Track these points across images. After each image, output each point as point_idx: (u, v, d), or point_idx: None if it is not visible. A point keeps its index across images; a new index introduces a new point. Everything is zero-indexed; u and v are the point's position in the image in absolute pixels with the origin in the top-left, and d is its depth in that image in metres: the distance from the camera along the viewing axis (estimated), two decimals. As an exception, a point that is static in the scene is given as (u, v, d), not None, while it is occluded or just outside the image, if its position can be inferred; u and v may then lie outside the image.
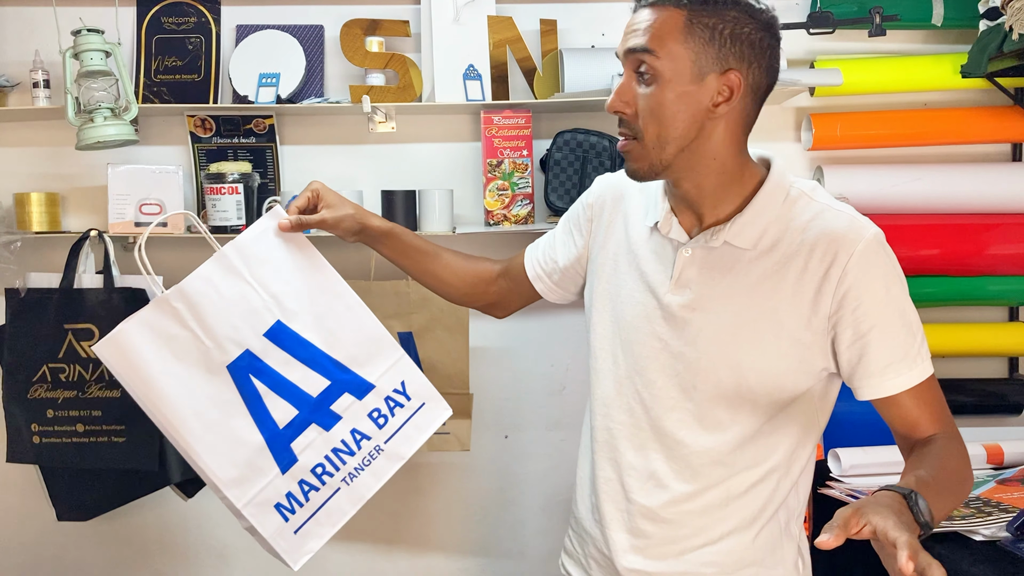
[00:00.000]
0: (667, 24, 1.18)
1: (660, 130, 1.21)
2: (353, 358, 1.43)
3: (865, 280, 1.19)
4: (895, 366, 1.21)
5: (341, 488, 1.43)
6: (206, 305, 1.38)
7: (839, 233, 1.20)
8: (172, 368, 1.35)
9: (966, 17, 2.26)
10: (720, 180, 1.25)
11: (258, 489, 1.38)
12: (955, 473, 1.19)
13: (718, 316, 1.26)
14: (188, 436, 1.35)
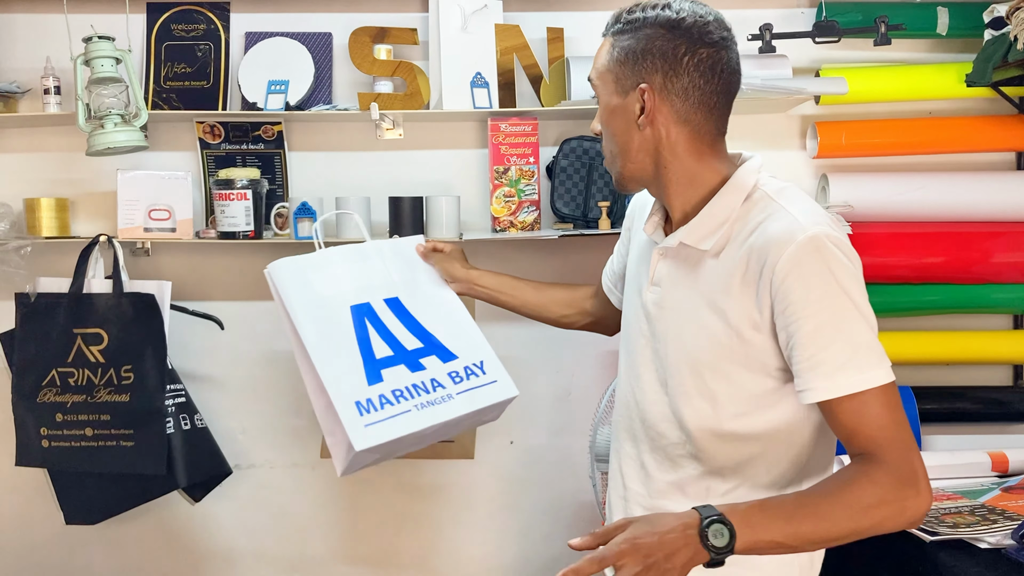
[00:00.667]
0: (601, 53, 1.34)
1: (612, 147, 1.36)
2: (446, 335, 1.81)
3: (790, 283, 1.16)
4: (823, 372, 1.15)
5: (411, 411, 1.73)
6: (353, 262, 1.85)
7: (775, 235, 1.19)
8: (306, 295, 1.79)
9: (971, 27, 2.27)
10: (680, 185, 1.32)
11: (344, 388, 1.71)
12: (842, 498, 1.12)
13: (678, 314, 1.32)
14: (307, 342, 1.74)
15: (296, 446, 2.43)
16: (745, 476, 1.30)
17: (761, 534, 1.09)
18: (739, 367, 1.25)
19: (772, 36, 2.24)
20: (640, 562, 1.05)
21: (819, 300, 1.15)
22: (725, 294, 1.24)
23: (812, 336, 1.15)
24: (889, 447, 1.13)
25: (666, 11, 1.27)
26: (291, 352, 2.31)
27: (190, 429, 2.24)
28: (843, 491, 1.12)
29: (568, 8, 2.36)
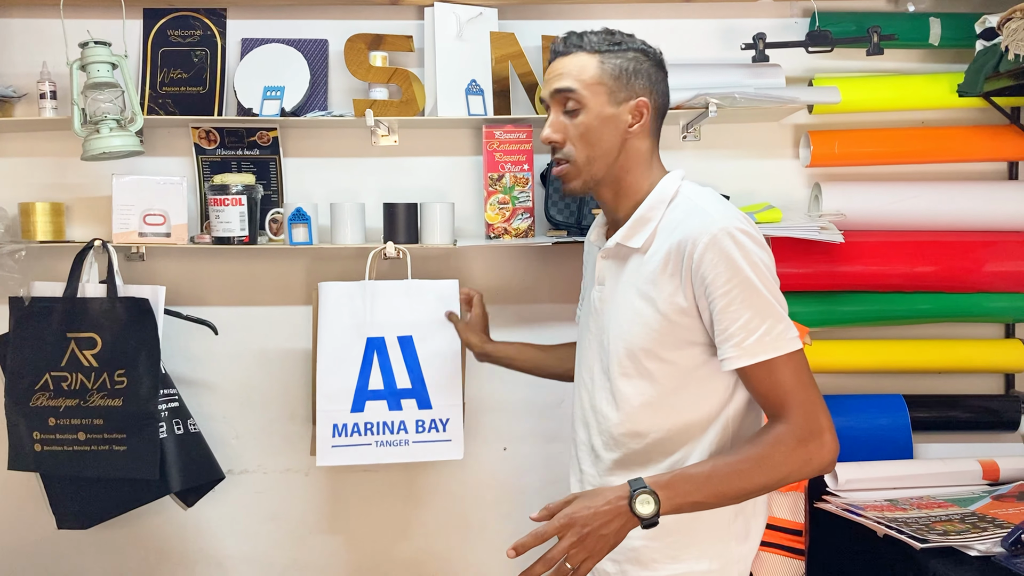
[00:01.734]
0: (586, 67, 1.49)
1: (589, 151, 1.50)
2: (433, 383, 2.15)
3: (705, 268, 1.37)
4: (738, 343, 1.35)
5: (371, 445, 2.14)
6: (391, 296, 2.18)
7: (692, 229, 1.40)
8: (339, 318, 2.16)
9: (963, 37, 2.29)
10: (628, 191, 1.53)
11: (333, 408, 2.13)
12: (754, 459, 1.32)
13: (616, 306, 1.51)
14: (320, 354, 2.13)
15: (289, 451, 2.44)
16: (683, 450, 1.47)
17: (684, 497, 1.31)
18: (670, 347, 1.43)
19: (765, 45, 2.26)
20: (577, 533, 1.27)
21: (728, 281, 1.35)
22: (653, 284, 1.44)
23: (725, 311, 1.36)
24: (795, 407, 1.33)
25: (637, 42, 1.53)
26: (284, 357, 2.36)
27: (183, 434, 2.24)
28: (754, 451, 1.33)
29: (563, 17, 2.37)
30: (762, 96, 2.17)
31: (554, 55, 1.54)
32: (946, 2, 2.36)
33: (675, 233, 1.43)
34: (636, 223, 1.50)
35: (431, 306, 2.18)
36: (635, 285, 1.48)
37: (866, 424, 2.32)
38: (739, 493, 1.33)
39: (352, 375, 2.15)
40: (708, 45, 2.39)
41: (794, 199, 2.41)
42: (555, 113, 1.53)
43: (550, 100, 1.54)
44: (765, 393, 1.37)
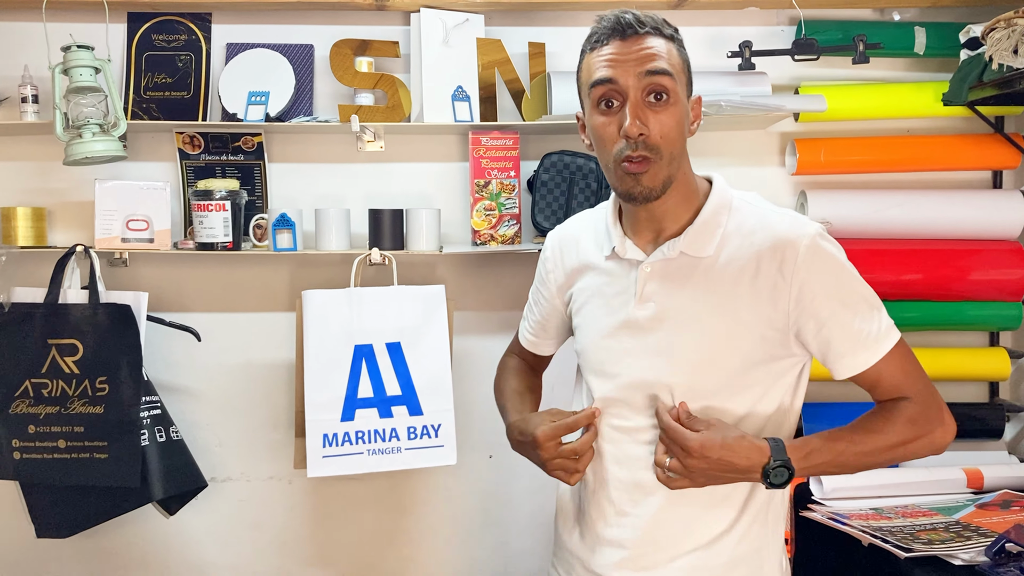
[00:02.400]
0: (671, 51, 1.32)
1: (673, 148, 1.32)
2: (423, 389, 2.14)
3: (815, 274, 1.28)
4: (862, 343, 1.30)
5: (363, 454, 2.12)
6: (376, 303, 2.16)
7: (783, 234, 1.30)
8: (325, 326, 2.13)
9: (948, 46, 2.30)
10: (683, 194, 1.37)
11: (322, 417, 2.11)
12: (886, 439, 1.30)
13: (683, 324, 1.34)
14: (307, 364, 2.11)
15: (272, 459, 2.42)
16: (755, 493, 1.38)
17: (815, 468, 1.29)
18: (750, 364, 1.32)
19: (752, 53, 2.26)
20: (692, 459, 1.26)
21: (840, 285, 1.30)
22: (733, 297, 1.31)
23: (843, 312, 1.29)
24: (918, 390, 1.32)
25: None
26: (268, 364, 2.34)
27: (165, 441, 2.22)
28: (886, 428, 1.30)
29: (550, 24, 2.37)
30: (748, 104, 2.17)
31: (618, 34, 1.31)
32: (931, 12, 2.37)
33: (758, 239, 1.31)
34: (701, 229, 1.34)
35: (418, 312, 2.17)
36: (705, 298, 1.33)
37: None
38: (863, 467, 1.33)
39: (341, 384, 2.13)
40: (695, 53, 2.34)
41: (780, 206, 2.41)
42: (637, 100, 1.29)
43: (631, 86, 1.29)
44: (886, 384, 1.33)
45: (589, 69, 1.34)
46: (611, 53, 1.30)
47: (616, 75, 1.29)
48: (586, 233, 1.51)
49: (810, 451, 1.29)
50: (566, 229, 1.57)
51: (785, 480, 1.27)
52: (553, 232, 1.59)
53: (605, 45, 1.32)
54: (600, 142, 1.34)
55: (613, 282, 1.42)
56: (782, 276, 1.29)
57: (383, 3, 2.25)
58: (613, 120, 1.31)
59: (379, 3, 2.25)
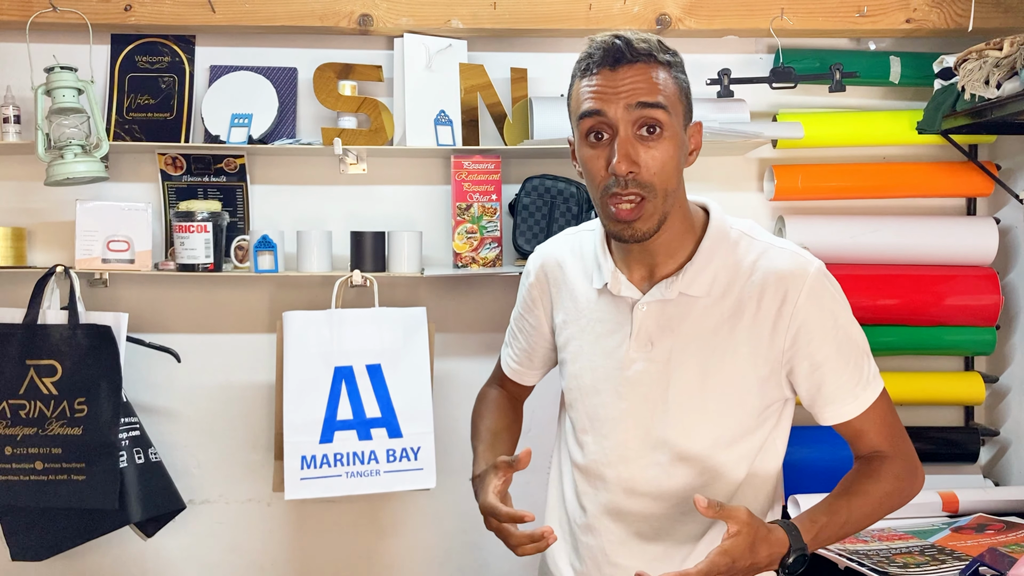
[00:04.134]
0: (666, 80, 1.22)
1: (667, 184, 1.23)
2: (403, 411, 2.13)
3: (815, 314, 1.25)
4: (852, 391, 1.28)
5: (342, 476, 2.10)
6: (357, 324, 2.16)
7: (786, 271, 1.26)
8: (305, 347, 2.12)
9: (922, 76, 2.34)
10: (679, 229, 1.30)
11: (301, 439, 2.10)
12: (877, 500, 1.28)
13: (683, 367, 1.28)
14: (286, 386, 2.11)
15: (251, 481, 2.41)
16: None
17: (820, 544, 1.25)
18: (749, 405, 1.29)
19: (730, 81, 2.29)
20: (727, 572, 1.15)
21: (838, 328, 1.26)
22: (732, 336, 1.27)
23: (843, 360, 1.26)
24: (897, 444, 1.31)
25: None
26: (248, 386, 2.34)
27: (144, 463, 2.21)
28: (876, 489, 1.28)
29: (532, 49, 2.39)
30: (727, 131, 2.20)
31: (608, 62, 1.21)
32: (906, 42, 2.41)
33: (758, 274, 1.26)
34: (700, 268, 1.28)
35: (399, 334, 2.18)
36: (705, 340, 1.27)
37: (829, 455, 2.33)
38: (860, 530, 1.32)
39: (320, 405, 2.12)
40: (674, 79, 2.42)
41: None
42: (626, 134, 1.20)
43: (620, 120, 1.20)
44: (869, 436, 1.31)
45: (577, 99, 1.25)
46: (600, 83, 1.21)
47: (604, 108, 1.21)
48: (571, 258, 1.43)
49: (819, 530, 1.24)
50: (548, 251, 1.48)
51: (802, 567, 1.21)
52: (535, 254, 1.50)
53: (595, 75, 1.22)
54: (589, 175, 1.26)
55: (605, 319, 1.34)
56: (781, 314, 1.25)
57: (367, 28, 2.27)
58: (602, 154, 1.23)
59: (363, 28, 2.27)
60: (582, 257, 1.40)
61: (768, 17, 2.28)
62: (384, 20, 2.27)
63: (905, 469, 1.31)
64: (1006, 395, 2.47)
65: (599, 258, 1.36)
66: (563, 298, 1.42)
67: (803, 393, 1.30)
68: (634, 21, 2.29)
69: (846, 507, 1.27)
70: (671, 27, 2.28)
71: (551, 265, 1.45)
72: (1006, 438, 2.46)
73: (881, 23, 2.31)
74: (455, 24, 2.28)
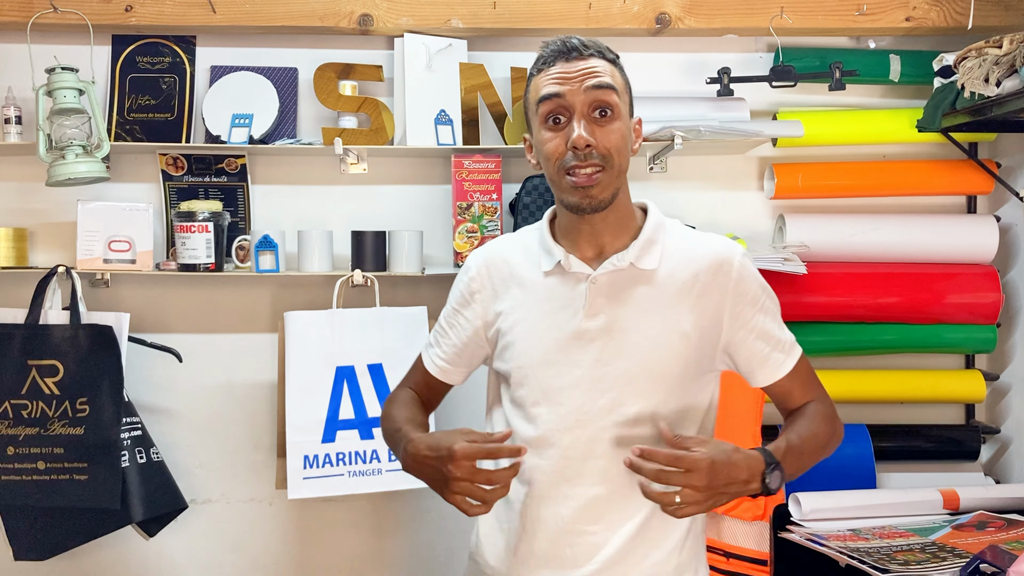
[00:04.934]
0: (614, 72, 1.39)
1: (621, 160, 1.37)
2: None
3: (747, 287, 1.41)
4: (783, 350, 1.43)
5: (344, 476, 2.11)
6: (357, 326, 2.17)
7: (719, 253, 1.42)
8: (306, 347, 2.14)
9: (922, 74, 2.34)
10: (624, 212, 1.43)
11: (303, 439, 2.11)
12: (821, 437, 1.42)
13: (632, 334, 1.39)
14: (288, 386, 2.12)
15: (253, 480, 2.41)
16: None
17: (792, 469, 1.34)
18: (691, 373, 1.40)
19: (730, 80, 2.30)
20: (704, 479, 1.22)
21: (764, 298, 1.43)
22: (678, 309, 1.39)
23: (768, 322, 1.42)
24: (821, 393, 1.48)
25: None
26: (249, 386, 2.34)
27: (146, 463, 2.21)
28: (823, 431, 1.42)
29: (531, 49, 2.38)
30: (727, 129, 2.20)
31: (563, 56, 1.36)
32: (906, 40, 2.42)
33: (696, 255, 1.41)
34: (646, 244, 1.41)
35: (400, 333, 2.18)
36: (651, 314, 1.38)
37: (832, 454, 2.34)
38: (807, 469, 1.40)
39: (322, 405, 2.13)
40: (674, 79, 2.43)
41: (758, 230, 2.44)
42: (584, 114, 1.34)
43: (578, 101, 1.34)
44: (795, 389, 1.45)
45: (536, 88, 1.39)
46: (557, 72, 1.36)
47: (563, 91, 1.35)
48: (514, 253, 1.49)
49: (786, 453, 1.33)
50: (490, 250, 1.54)
51: (780, 483, 1.29)
52: (476, 254, 1.55)
53: (552, 66, 1.37)
54: (547, 157, 1.37)
55: (556, 296, 1.42)
56: (721, 292, 1.40)
57: (367, 28, 2.28)
58: (560, 135, 1.36)
59: (363, 28, 2.28)
60: (526, 251, 1.49)
61: (768, 16, 2.29)
62: (384, 20, 2.28)
63: (832, 413, 1.46)
64: (1007, 393, 2.48)
65: (546, 245, 1.45)
66: (508, 288, 1.48)
67: (742, 360, 1.43)
68: (634, 20, 2.29)
69: (800, 439, 1.38)
70: (671, 26, 2.29)
71: (495, 260, 1.51)
72: (1007, 436, 2.47)
73: (881, 21, 2.31)
74: (455, 24, 2.29)
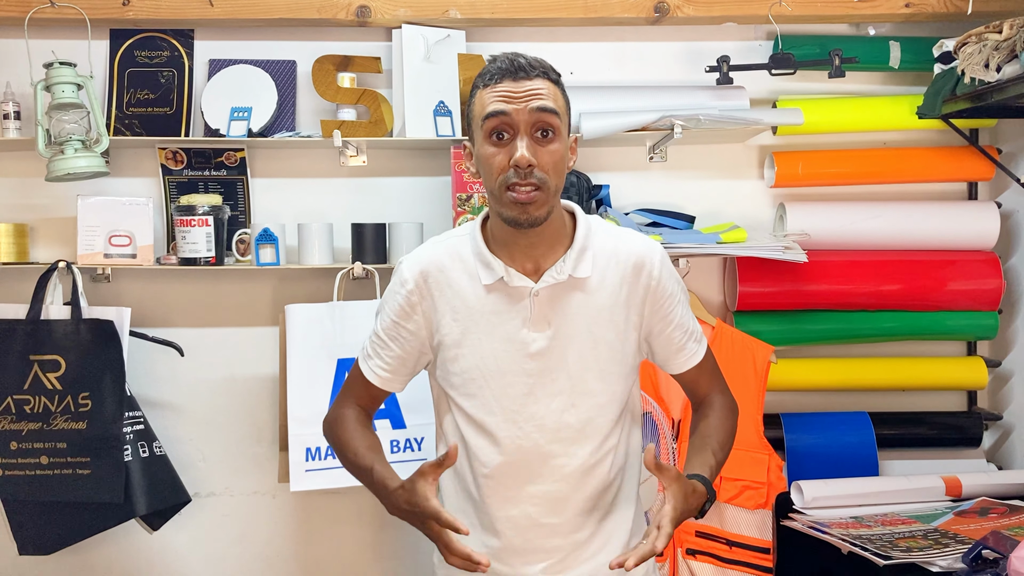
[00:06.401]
0: (556, 93, 1.43)
1: (558, 181, 1.43)
2: (406, 403, 2.15)
3: (666, 284, 1.50)
4: (696, 339, 1.56)
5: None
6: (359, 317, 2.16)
7: (641, 251, 1.50)
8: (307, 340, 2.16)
9: (922, 60, 2.33)
10: (558, 224, 1.48)
11: (305, 431, 2.11)
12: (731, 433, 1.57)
13: (576, 340, 1.47)
14: (290, 378, 2.14)
15: (256, 473, 2.42)
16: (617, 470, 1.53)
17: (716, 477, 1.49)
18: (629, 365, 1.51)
19: (730, 68, 2.29)
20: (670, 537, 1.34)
21: (680, 292, 1.54)
22: (613, 309, 1.48)
23: (684, 316, 1.53)
24: (721, 382, 1.61)
25: None
26: (251, 379, 2.35)
27: (148, 456, 2.22)
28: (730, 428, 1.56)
29: (530, 39, 2.39)
30: (726, 118, 2.20)
31: (510, 75, 1.40)
32: (905, 27, 2.41)
33: (620, 255, 1.49)
34: (580, 253, 1.47)
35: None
36: (590, 317, 1.47)
37: (832, 441, 2.35)
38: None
39: (324, 397, 2.13)
40: (673, 67, 2.42)
41: (759, 219, 2.44)
42: (526, 135, 1.39)
43: (522, 121, 1.39)
44: (700, 377, 1.58)
45: (482, 103, 1.41)
46: (504, 90, 1.39)
47: (508, 109, 1.39)
48: (450, 262, 1.50)
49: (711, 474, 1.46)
50: (424, 258, 1.53)
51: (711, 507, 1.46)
52: (409, 263, 1.53)
53: (499, 83, 1.40)
54: (488, 170, 1.42)
55: (500, 310, 1.46)
56: (644, 287, 1.49)
57: (365, 19, 2.27)
58: (503, 151, 1.40)
59: (361, 19, 2.27)
60: (462, 260, 1.50)
61: (767, 3, 2.28)
62: (382, 11, 2.27)
63: (732, 401, 1.60)
64: (1009, 379, 2.47)
65: (484, 257, 1.47)
66: (447, 299, 1.49)
67: (659, 348, 1.54)
68: (632, 9, 2.28)
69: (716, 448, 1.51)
70: (670, 15, 2.28)
71: (431, 271, 1.51)
72: (1009, 422, 2.47)
73: (880, 8, 2.30)
74: (453, 14, 2.28)
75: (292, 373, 2.14)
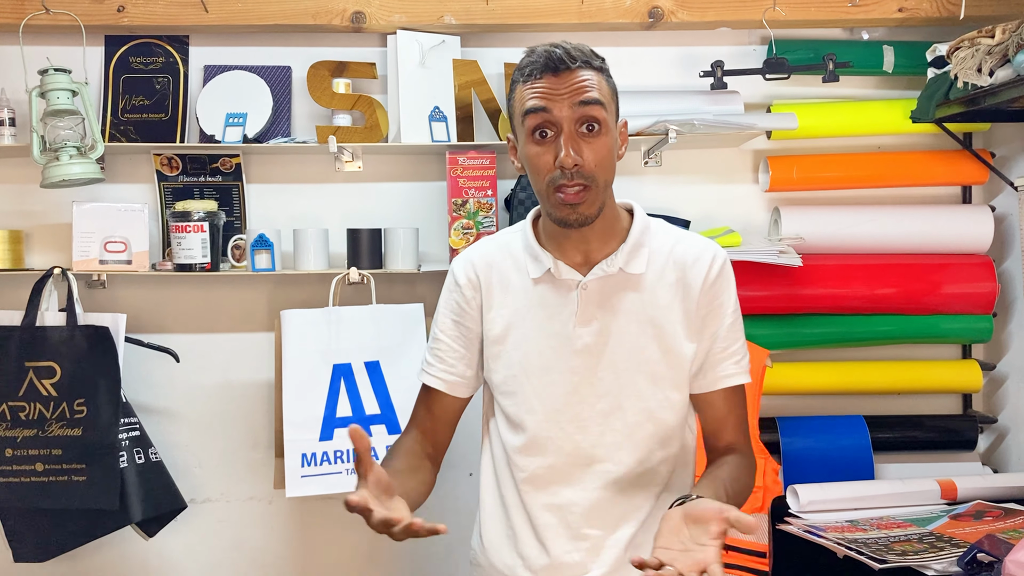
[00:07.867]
0: (600, 82, 1.35)
1: (607, 175, 1.36)
2: (402, 408, 2.13)
3: (717, 289, 1.41)
4: (730, 365, 1.42)
5: (342, 473, 2.11)
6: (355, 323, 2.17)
7: (702, 252, 1.42)
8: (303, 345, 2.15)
9: (915, 65, 2.34)
10: (611, 217, 1.42)
11: (301, 437, 2.12)
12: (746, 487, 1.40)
13: (626, 337, 1.39)
14: (286, 384, 2.13)
15: (252, 479, 2.41)
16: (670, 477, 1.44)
17: None
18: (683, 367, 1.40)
19: (724, 73, 2.29)
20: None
21: (733, 303, 1.43)
22: (668, 309, 1.40)
23: (731, 330, 1.42)
24: (749, 445, 1.45)
25: None
26: (247, 385, 2.34)
27: (144, 463, 2.22)
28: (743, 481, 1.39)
29: (525, 44, 2.35)
30: (721, 123, 2.20)
31: (550, 68, 1.32)
32: (899, 31, 2.42)
33: (677, 256, 1.41)
34: (634, 248, 1.40)
35: (397, 330, 2.18)
36: (643, 316, 1.39)
37: (828, 445, 2.35)
38: None
39: (319, 403, 2.13)
40: (667, 72, 2.43)
41: (754, 223, 2.44)
42: (571, 131, 1.32)
43: (565, 117, 1.31)
44: (728, 418, 1.43)
45: (522, 100, 1.35)
46: (545, 86, 1.32)
47: (550, 106, 1.32)
48: (500, 257, 1.47)
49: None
50: (476, 255, 1.50)
51: None
52: (460, 261, 1.51)
53: (539, 79, 1.33)
54: (535, 170, 1.35)
55: (547, 304, 1.41)
56: (702, 288, 1.40)
57: (360, 25, 2.27)
58: (547, 150, 1.33)
59: (356, 25, 2.27)
60: (511, 255, 1.47)
61: (761, 8, 2.29)
62: (377, 17, 2.28)
63: (753, 464, 1.44)
64: (1004, 382, 2.48)
65: (533, 251, 1.43)
66: (496, 294, 1.46)
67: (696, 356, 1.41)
68: (626, 14, 2.29)
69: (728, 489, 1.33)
70: (663, 20, 2.29)
71: (481, 267, 1.48)
72: (1004, 425, 2.47)
73: (873, 12, 2.31)
74: (448, 20, 2.28)
75: (288, 379, 2.14)
